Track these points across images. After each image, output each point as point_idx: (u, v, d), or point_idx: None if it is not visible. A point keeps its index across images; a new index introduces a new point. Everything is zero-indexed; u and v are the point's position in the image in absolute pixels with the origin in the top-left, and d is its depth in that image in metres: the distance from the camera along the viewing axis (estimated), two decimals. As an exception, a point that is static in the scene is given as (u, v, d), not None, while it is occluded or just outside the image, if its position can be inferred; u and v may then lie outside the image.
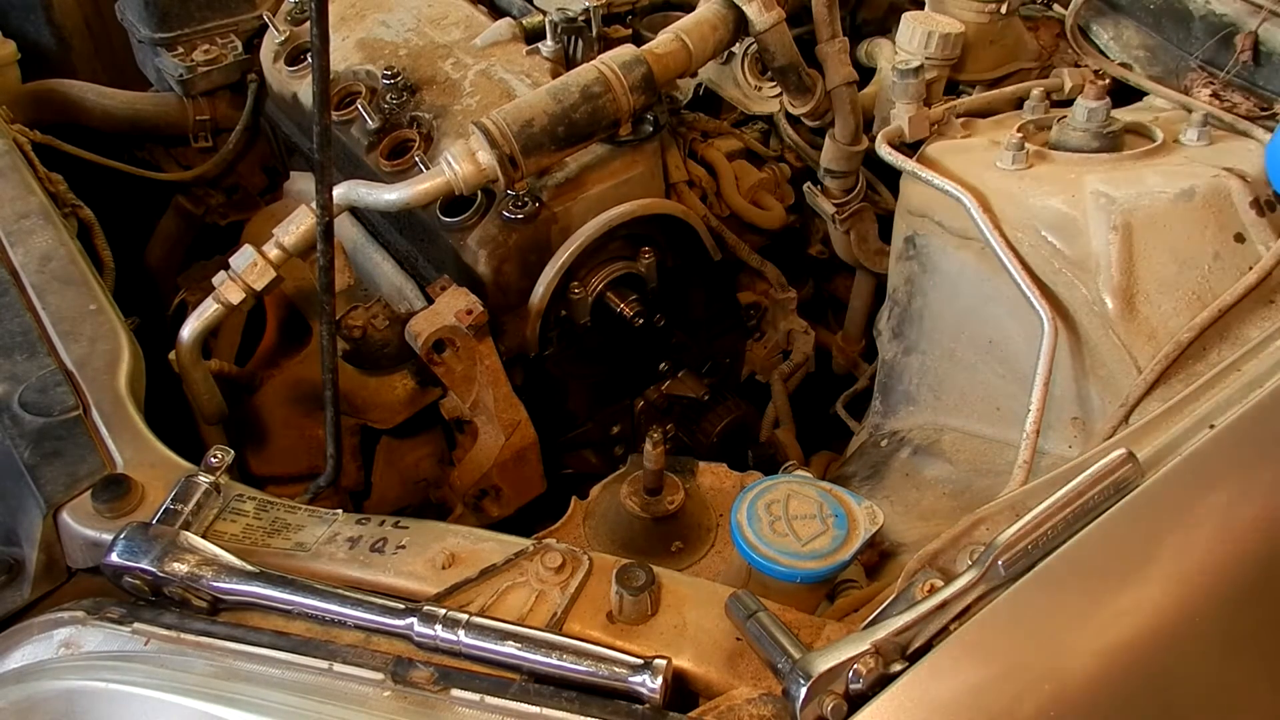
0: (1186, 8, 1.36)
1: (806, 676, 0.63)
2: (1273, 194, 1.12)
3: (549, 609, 0.73)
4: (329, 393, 0.98)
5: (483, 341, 1.14)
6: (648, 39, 1.28)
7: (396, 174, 1.22)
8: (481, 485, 1.21)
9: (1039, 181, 1.12)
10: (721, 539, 1.03)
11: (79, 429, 0.88)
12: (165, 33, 1.62)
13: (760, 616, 0.70)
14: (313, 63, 0.81)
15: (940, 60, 1.30)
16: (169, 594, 0.74)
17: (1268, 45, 1.28)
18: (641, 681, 0.66)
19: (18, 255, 1.08)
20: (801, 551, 0.84)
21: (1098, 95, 1.16)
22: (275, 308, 1.37)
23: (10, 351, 0.95)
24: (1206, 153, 1.17)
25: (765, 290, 1.50)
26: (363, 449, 1.28)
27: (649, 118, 1.22)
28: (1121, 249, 1.05)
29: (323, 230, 0.91)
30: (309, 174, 1.49)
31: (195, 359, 1.14)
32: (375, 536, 0.80)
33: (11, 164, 1.24)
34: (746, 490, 0.89)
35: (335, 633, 0.72)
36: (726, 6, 1.21)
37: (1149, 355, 1.03)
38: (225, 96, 1.67)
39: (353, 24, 1.47)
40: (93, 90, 1.63)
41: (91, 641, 0.71)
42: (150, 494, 0.82)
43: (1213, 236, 1.08)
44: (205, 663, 0.69)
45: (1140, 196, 1.07)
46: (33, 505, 0.82)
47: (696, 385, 1.43)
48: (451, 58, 1.35)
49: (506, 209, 1.15)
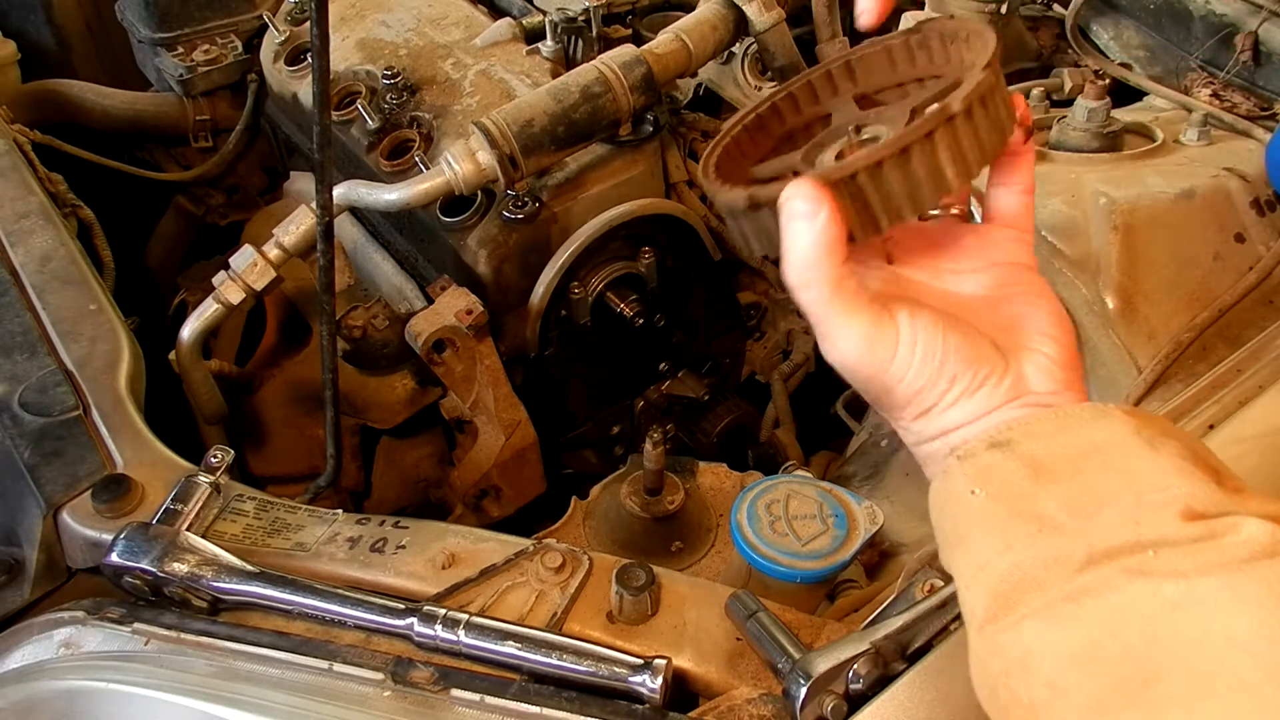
0: (1186, 8, 1.36)
1: (806, 676, 0.63)
2: (1273, 194, 1.12)
3: (549, 609, 0.73)
4: (329, 393, 0.98)
5: (483, 341, 1.14)
6: (648, 39, 1.28)
7: (396, 174, 1.22)
8: (481, 485, 1.21)
9: (1039, 181, 1.11)
10: (721, 539, 1.03)
11: (79, 429, 0.88)
12: (165, 33, 1.63)
13: (760, 616, 0.70)
14: (313, 63, 0.81)
15: (940, 60, 1.30)
16: (169, 594, 0.74)
17: (1268, 45, 1.28)
18: (641, 681, 0.66)
19: (18, 255, 1.08)
20: (801, 551, 0.84)
21: (1098, 95, 1.16)
22: (275, 308, 1.37)
23: (10, 351, 0.95)
24: (1206, 153, 1.17)
25: (765, 290, 1.50)
26: (363, 449, 1.28)
27: (649, 118, 1.22)
28: (1121, 249, 1.05)
29: (323, 230, 0.91)
30: (309, 174, 1.49)
31: (195, 359, 1.14)
32: (375, 536, 0.80)
33: (11, 164, 1.24)
34: (746, 490, 0.89)
35: (335, 633, 0.72)
36: (726, 6, 1.22)
37: (1149, 355, 1.03)
38: (225, 96, 1.67)
39: (353, 24, 1.47)
40: (93, 90, 1.63)
41: (91, 641, 0.71)
42: (150, 494, 0.82)
43: (1213, 236, 1.08)
44: (205, 663, 0.69)
45: (1140, 196, 1.07)
46: (33, 505, 0.82)
47: (696, 385, 1.43)
48: (451, 58, 1.35)
49: (506, 209, 1.15)
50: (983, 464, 0.57)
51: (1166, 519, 0.50)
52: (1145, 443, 0.54)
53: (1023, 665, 0.51)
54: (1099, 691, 0.48)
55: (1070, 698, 0.49)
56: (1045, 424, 0.57)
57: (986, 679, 0.55)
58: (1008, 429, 0.57)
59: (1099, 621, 0.49)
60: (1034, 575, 0.52)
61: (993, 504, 0.55)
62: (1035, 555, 0.52)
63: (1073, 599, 0.50)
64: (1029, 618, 0.51)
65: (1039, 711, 0.51)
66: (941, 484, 0.60)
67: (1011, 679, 0.52)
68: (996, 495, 0.55)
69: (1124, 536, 0.50)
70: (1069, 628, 0.50)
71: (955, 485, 0.58)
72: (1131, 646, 0.48)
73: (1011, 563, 0.53)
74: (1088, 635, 0.49)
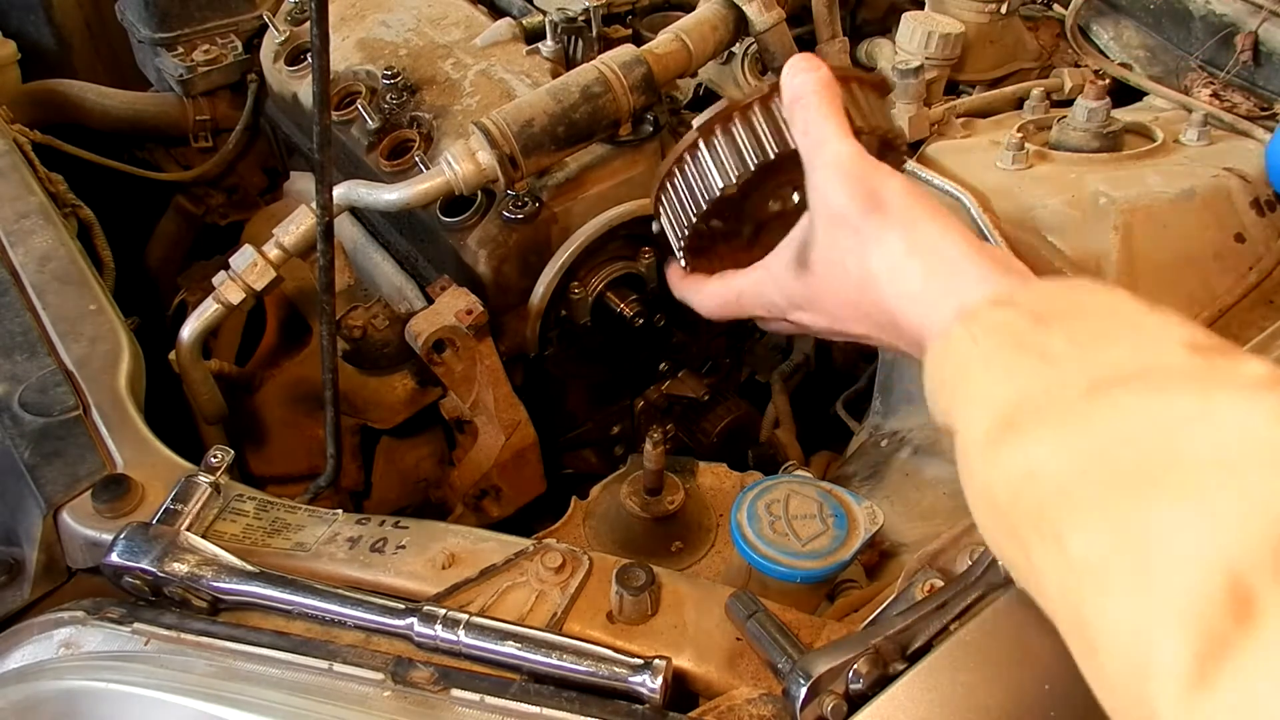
0: (1186, 8, 1.36)
1: (806, 676, 0.63)
2: (1273, 194, 1.12)
3: (549, 609, 0.73)
4: (329, 393, 0.98)
5: (483, 341, 1.14)
6: (648, 39, 1.28)
7: (396, 174, 1.22)
8: (481, 485, 1.21)
9: (1039, 181, 1.12)
10: (721, 539, 1.03)
11: (79, 429, 0.88)
12: (165, 33, 1.62)
13: (760, 616, 0.70)
14: (313, 63, 0.81)
15: (940, 60, 1.30)
16: (169, 594, 0.74)
17: (1268, 45, 1.28)
18: (641, 681, 0.66)
19: (18, 255, 1.08)
20: (801, 551, 0.84)
21: (1098, 95, 1.16)
22: (275, 308, 1.37)
23: (10, 351, 0.95)
24: (1206, 153, 1.17)
25: (765, 290, 1.50)
26: (363, 449, 1.28)
27: (649, 118, 1.22)
28: (1121, 249, 1.05)
29: (323, 230, 0.91)
30: (309, 174, 1.49)
31: (195, 359, 1.14)
32: (375, 536, 0.80)
33: (11, 164, 1.24)
34: (746, 490, 0.89)
35: (335, 633, 0.72)
36: (726, 6, 1.21)
37: (1149, 355, 1.04)
38: (225, 96, 1.67)
39: (353, 24, 1.47)
40: (93, 90, 1.63)
41: (91, 641, 0.71)
42: (150, 494, 0.82)
43: (1213, 236, 1.08)
44: (205, 663, 0.69)
45: (1140, 196, 1.07)
46: (33, 505, 0.82)
47: (696, 385, 1.43)
48: (451, 58, 1.35)
49: (506, 209, 1.15)
50: (986, 320, 0.58)
51: (1173, 348, 0.51)
52: (1143, 303, 0.55)
53: (1030, 476, 0.50)
54: (1116, 485, 0.47)
55: (1083, 493, 0.48)
56: (1047, 285, 0.59)
57: (987, 495, 0.54)
58: (1009, 291, 0.59)
59: (1112, 432, 0.48)
60: (1040, 399, 0.52)
61: (995, 347, 0.56)
62: (1041, 382, 0.52)
63: (1082, 414, 0.50)
64: (1036, 432, 0.51)
65: (1048, 512, 0.49)
66: (941, 344, 0.60)
67: (1018, 490, 0.51)
68: (1000, 339, 0.56)
69: (1133, 364, 0.51)
70: (1081, 439, 0.49)
71: (956, 342, 0.58)
72: (1147, 452, 0.46)
73: (1015, 388, 0.53)
74: (1100, 444, 0.48)
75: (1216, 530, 0.42)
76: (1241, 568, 0.41)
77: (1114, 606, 0.45)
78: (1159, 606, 0.42)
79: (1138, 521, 0.45)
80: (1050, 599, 0.51)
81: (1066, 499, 0.48)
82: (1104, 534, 0.46)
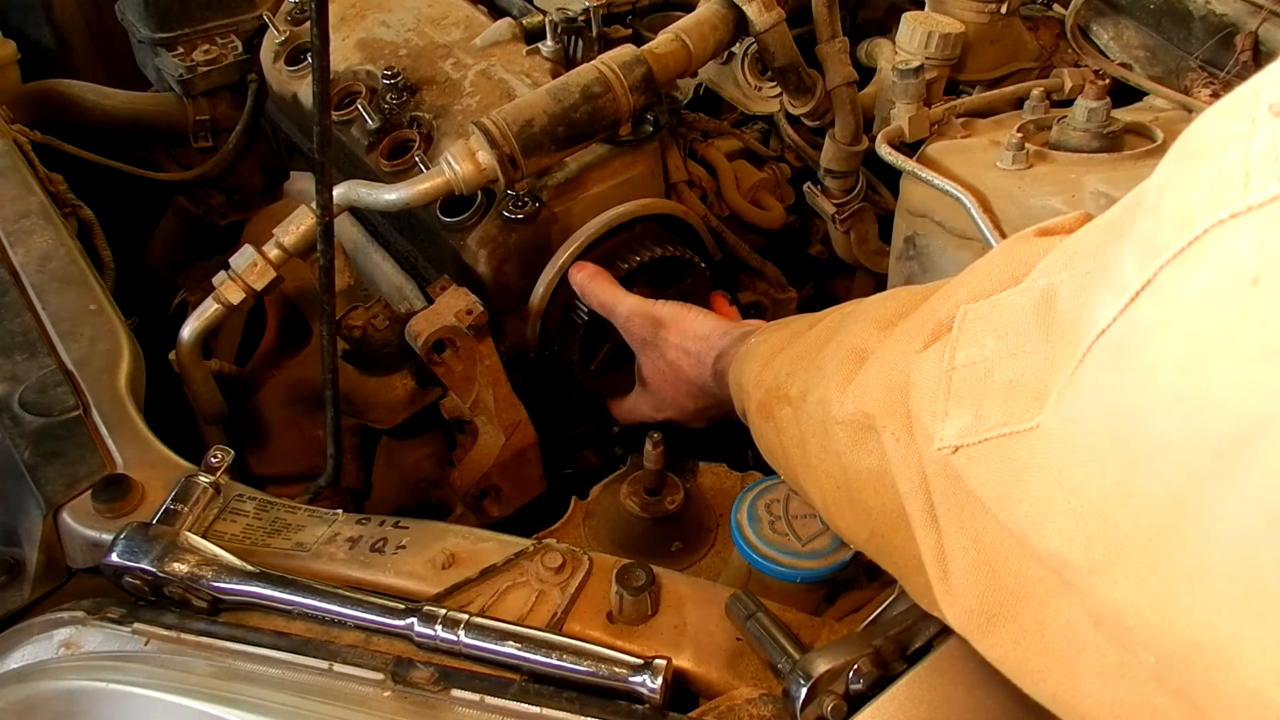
0: (1186, 8, 1.36)
1: (806, 676, 0.63)
2: (1273, 194, 1.12)
3: (549, 609, 0.73)
4: (329, 393, 0.98)
5: (483, 341, 1.14)
6: (648, 39, 1.28)
7: (396, 174, 1.22)
8: (481, 485, 1.21)
9: (1039, 181, 1.12)
10: (721, 539, 1.03)
11: (79, 429, 0.88)
12: (165, 33, 1.62)
13: (760, 616, 0.70)
14: (313, 63, 0.81)
15: (940, 60, 1.30)
16: (169, 594, 0.74)
17: (1268, 45, 1.28)
18: (641, 681, 0.66)
19: (18, 255, 1.08)
20: (801, 551, 0.84)
21: (1098, 95, 1.15)
22: (275, 308, 1.37)
23: (10, 351, 0.95)
24: (1206, 153, 1.17)
25: (765, 290, 1.50)
26: (363, 449, 1.28)
27: (649, 118, 1.22)
28: (1121, 249, 1.05)
29: (323, 230, 0.91)
30: (309, 174, 1.49)
31: (195, 359, 1.14)
32: (375, 536, 0.80)
33: (11, 164, 1.24)
34: (746, 490, 0.89)
35: (335, 633, 0.72)
36: (726, 6, 1.21)
37: (1149, 355, 1.03)
38: (225, 96, 1.66)
39: (353, 24, 1.47)
40: (93, 90, 1.63)
41: (91, 641, 0.71)
42: (150, 494, 0.82)
43: (1213, 236, 1.08)
44: (205, 663, 0.69)
45: (1140, 196, 1.07)
46: (33, 505, 0.82)
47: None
48: (451, 58, 1.35)
49: (506, 209, 1.15)
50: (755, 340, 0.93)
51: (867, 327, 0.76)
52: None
53: (772, 371, 0.84)
54: (809, 356, 0.79)
55: (798, 366, 0.80)
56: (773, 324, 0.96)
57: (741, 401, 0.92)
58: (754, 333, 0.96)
59: (809, 337, 0.84)
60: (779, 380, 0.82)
61: (763, 345, 0.90)
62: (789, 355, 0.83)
63: (801, 337, 0.85)
64: (778, 361, 0.84)
65: (782, 387, 0.81)
66: (734, 369, 0.94)
67: (768, 389, 0.83)
68: (768, 340, 0.90)
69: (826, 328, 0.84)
70: (794, 346, 0.85)
71: (741, 363, 0.91)
72: (821, 344, 0.79)
73: (773, 371, 0.83)
74: (800, 347, 0.84)
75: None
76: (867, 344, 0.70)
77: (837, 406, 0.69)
78: (870, 403, 0.65)
79: (823, 366, 0.73)
80: (810, 451, 0.74)
81: (790, 376, 0.79)
82: (811, 379, 0.75)
